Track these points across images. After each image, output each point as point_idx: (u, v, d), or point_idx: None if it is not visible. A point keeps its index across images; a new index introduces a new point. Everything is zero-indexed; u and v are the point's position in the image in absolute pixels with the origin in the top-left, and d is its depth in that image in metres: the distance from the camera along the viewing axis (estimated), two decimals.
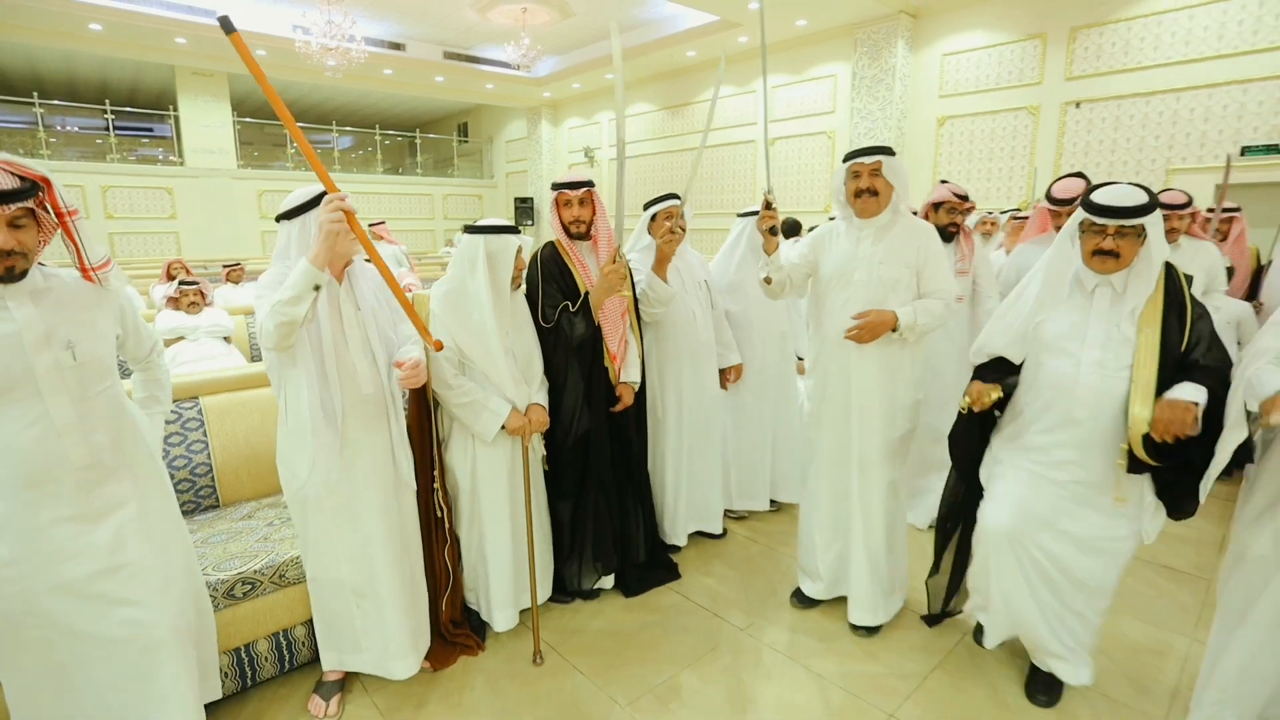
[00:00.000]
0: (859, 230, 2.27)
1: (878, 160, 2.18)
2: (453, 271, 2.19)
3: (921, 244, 2.22)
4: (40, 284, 1.43)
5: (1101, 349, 1.81)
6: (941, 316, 2.22)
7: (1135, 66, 6.70)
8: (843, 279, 2.27)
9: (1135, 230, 1.75)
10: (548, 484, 2.44)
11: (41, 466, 1.40)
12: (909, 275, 2.23)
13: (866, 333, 2.15)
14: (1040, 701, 2.01)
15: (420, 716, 2.01)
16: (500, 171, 15.51)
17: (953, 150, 8.25)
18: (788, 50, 9.48)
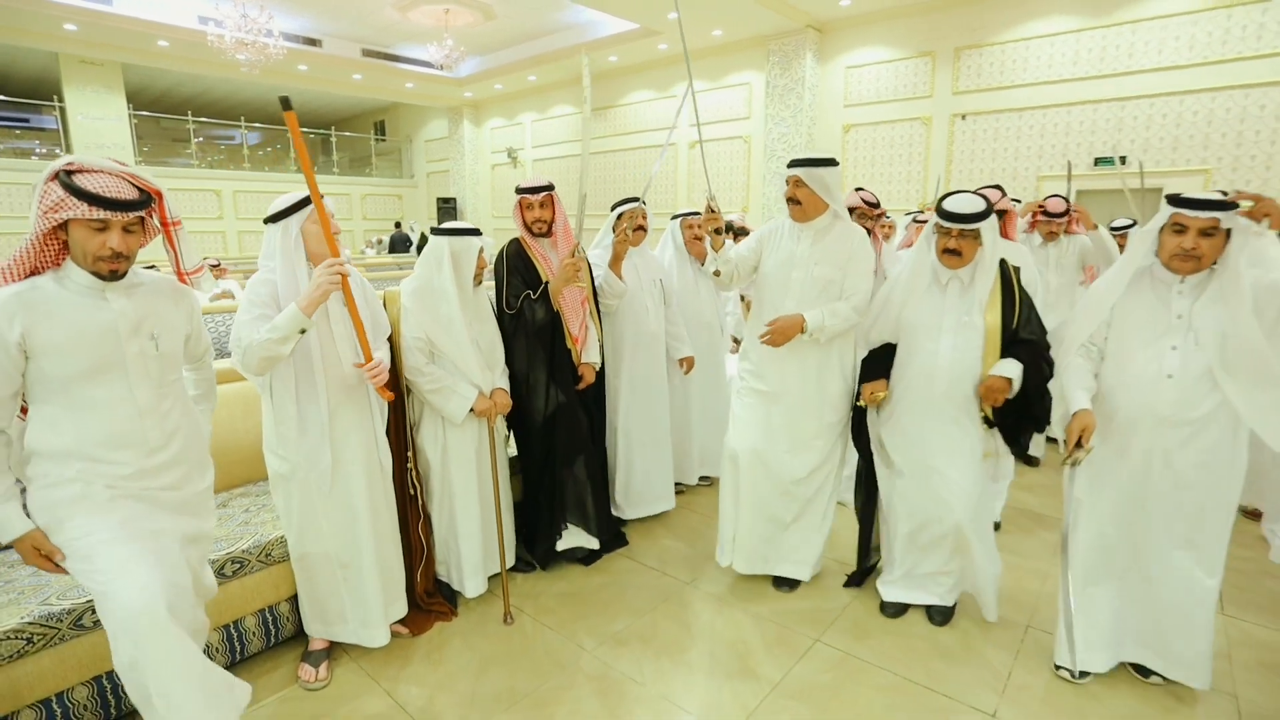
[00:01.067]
0: (799, 231, 2.47)
1: (795, 174, 2.39)
2: (420, 270, 2.40)
3: (850, 248, 2.42)
4: (133, 280, 1.59)
5: (954, 334, 2.19)
6: (850, 319, 2.39)
7: (1009, 84, 7.54)
8: (782, 276, 2.47)
9: (974, 233, 2.13)
10: (520, 457, 2.67)
11: (123, 441, 1.55)
12: (841, 276, 2.41)
13: (779, 336, 2.35)
14: (936, 621, 2.44)
15: (405, 675, 2.21)
16: (420, 171, 15.30)
17: (858, 155, 8.93)
18: (705, 58, 9.94)
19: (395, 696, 2.11)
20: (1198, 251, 1.82)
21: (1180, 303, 1.89)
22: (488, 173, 13.80)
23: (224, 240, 12.52)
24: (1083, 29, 6.97)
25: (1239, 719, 1.99)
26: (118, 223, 1.47)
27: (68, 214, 1.42)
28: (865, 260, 2.42)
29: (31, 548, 1.52)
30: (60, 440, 1.51)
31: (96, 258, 1.47)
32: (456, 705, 2.07)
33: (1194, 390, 1.85)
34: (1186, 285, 1.89)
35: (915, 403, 2.29)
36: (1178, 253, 1.85)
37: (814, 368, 2.48)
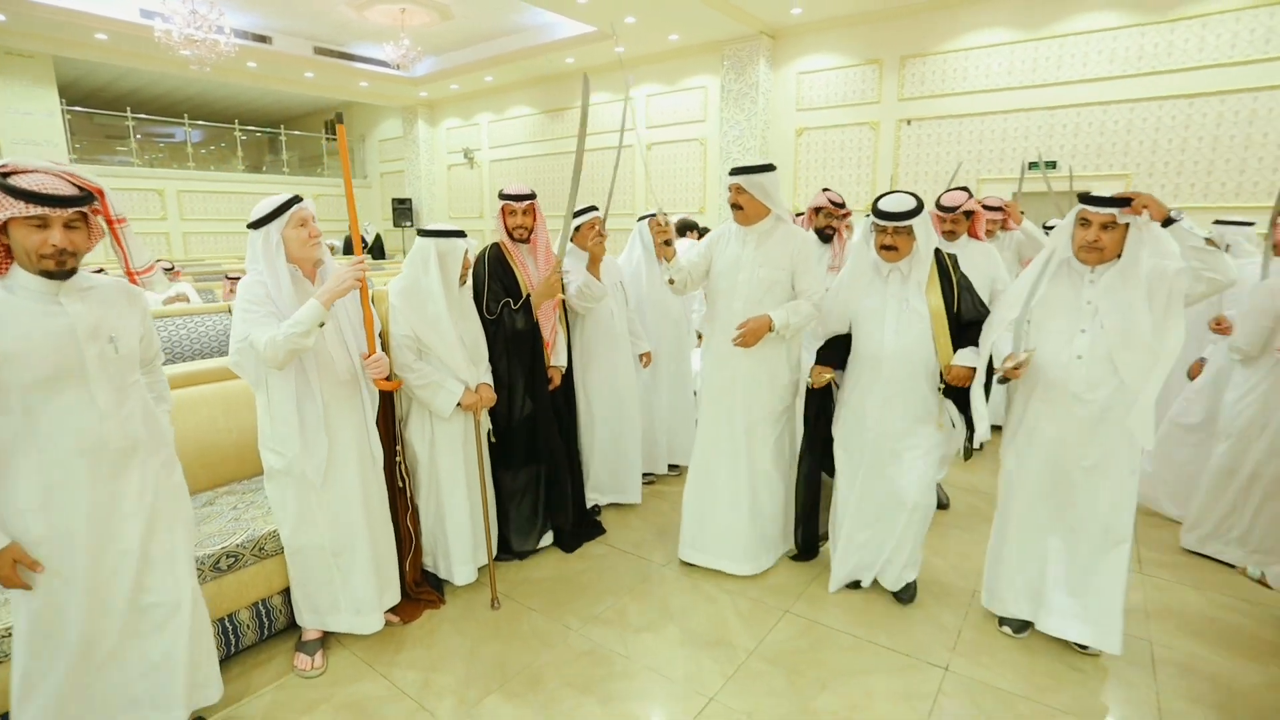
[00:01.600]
0: (744, 235, 2.64)
1: (737, 181, 2.55)
2: (407, 270, 2.49)
3: (796, 249, 2.58)
4: (85, 284, 1.60)
5: (897, 319, 2.39)
6: (809, 315, 2.57)
7: (951, 92, 7.96)
8: (730, 277, 2.63)
9: (907, 230, 2.34)
10: (494, 458, 2.78)
11: (86, 446, 1.57)
12: (785, 276, 2.58)
13: (750, 337, 2.51)
14: (904, 600, 2.60)
15: (399, 659, 2.31)
16: (374, 171, 15.06)
17: (810, 158, 9.26)
18: (662, 62, 10.14)
19: (392, 679, 2.20)
20: (1100, 244, 2.05)
21: (1090, 290, 2.11)
22: (444, 173, 13.69)
23: (168, 242, 12.09)
24: (1016, 41, 7.43)
25: (1153, 665, 2.26)
26: (57, 219, 1.47)
27: (5, 214, 1.43)
28: (812, 259, 2.61)
29: (11, 561, 1.50)
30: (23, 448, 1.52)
31: (40, 255, 1.47)
32: (452, 684, 2.17)
33: (1100, 370, 2.08)
34: (1096, 274, 2.11)
35: (867, 383, 2.48)
36: (1084, 244, 2.08)
37: (764, 362, 2.64)
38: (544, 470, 2.87)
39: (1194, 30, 6.51)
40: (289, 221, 2.02)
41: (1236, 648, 2.34)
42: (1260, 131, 6.35)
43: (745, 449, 2.71)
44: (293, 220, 2.02)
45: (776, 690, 2.14)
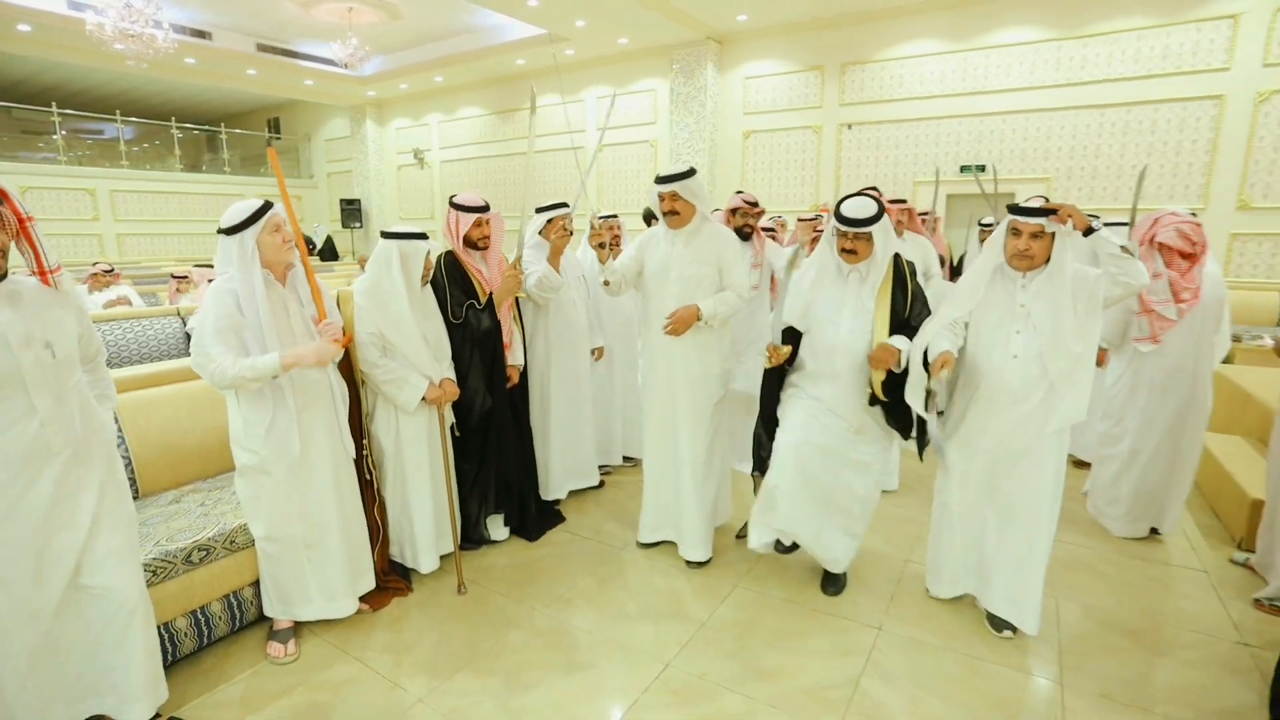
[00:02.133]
0: (673, 236, 2.76)
1: (672, 188, 2.65)
2: (371, 270, 2.59)
3: (722, 247, 2.73)
4: (12, 288, 1.59)
5: (853, 319, 2.46)
6: (736, 306, 2.73)
7: (888, 99, 8.37)
8: (661, 276, 2.76)
9: (867, 235, 2.39)
10: (456, 450, 2.90)
11: (29, 453, 1.59)
12: (713, 273, 2.73)
13: (680, 325, 2.66)
14: (830, 592, 2.70)
15: (371, 643, 2.41)
16: (321, 171, 14.76)
17: (756, 160, 9.56)
18: (612, 64, 10.30)
19: (365, 662, 2.30)
20: (1030, 252, 2.20)
21: (1022, 295, 2.26)
22: (393, 174, 13.53)
23: (101, 243, 11.60)
24: (946, 52, 7.87)
25: (1057, 616, 2.55)
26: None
27: None
28: (739, 256, 2.77)
29: None
30: None
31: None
32: (423, 664, 2.29)
33: (1034, 368, 2.23)
34: (1027, 280, 2.26)
35: (816, 375, 2.58)
36: (1016, 252, 2.23)
37: (699, 355, 2.79)
38: (498, 463, 2.99)
39: (1103, 46, 7.05)
40: (264, 227, 2.10)
41: (1124, 599, 2.65)
42: (1161, 140, 6.92)
43: (688, 439, 2.84)
44: (267, 226, 2.10)
45: (727, 653, 2.33)
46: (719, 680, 2.20)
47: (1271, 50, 6.33)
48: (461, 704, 2.10)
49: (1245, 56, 6.44)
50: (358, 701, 2.12)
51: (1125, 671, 2.24)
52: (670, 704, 2.09)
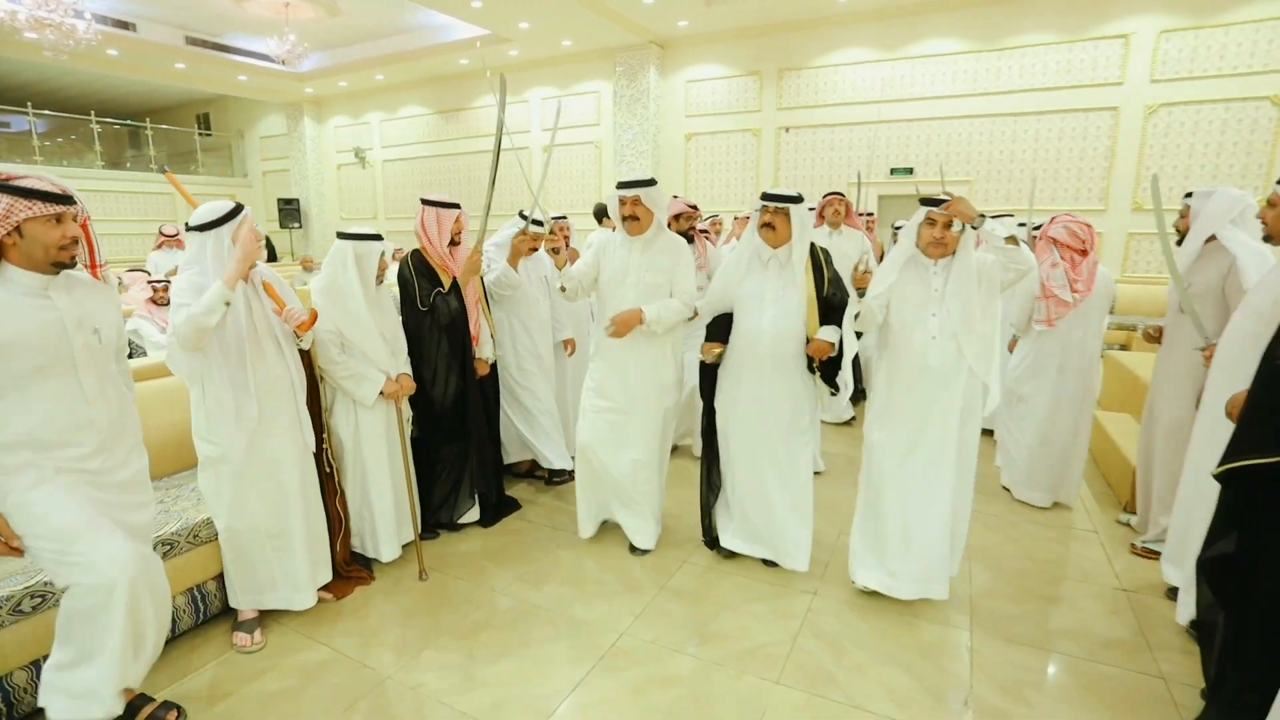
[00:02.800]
0: (630, 243, 2.84)
1: (635, 194, 2.74)
2: (327, 270, 2.68)
3: (676, 256, 2.85)
4: (69, 279, 1.74)
5: (775, 304, 2.66)
6: (680, 312, 2.82)
7: (823, 104, 8.76)
8: (618, 283, 2.83)
9: (785, 212, 2.59)
10: (430, 433, 3.02)
11: (74, 428, 1.73)
12: (668, 281, 2.81)
13: (622, 328, 2.75)
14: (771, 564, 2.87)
15: (337, 629, 2.50)
16: (255, 169, 14.30)
17: (699, 162, 9.84)
18: (555, 66, 10.40)
19: (333, 646, 2.39)
20: (943, 240, 2.41)
21: (935, 280, 2.47)
22: (333, 173, 13.25)
23: None
24: (877, 60, 8.31)
25: (970, 585, 2.85)
26: (68, 215, 1.68)
27: (27, 214, 1.60)
28: (689, 264, 2.88)
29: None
30: (11, 431, 1.66)
31: (60, 248, 1.66)
32: (390, 645, 2.40)
33: (950, 348, 2.43)
34: (939, 266, 2.47)
35: (746, 359, 2.73)
36: (930, 241, 2.43)
37: (650, 361, 2.88)
38: (473, 444, 3.12)
39: (1015, 59, 7.60)
40: (240, 224, 2.18)
41: (1026, 557, 2.99)
42: (1067, 147, 7.51)
43: (638, 443, 2.92)
44: (245, 224, 2.18)
45: (678, 621, 2.53)
46: (669, 644, 2.39)
47: (1157, 68, 6.98)
48: (428, 678, 2.22)
49: (1135, 73, 7.08)
50: (328, 682, 2.21)
51: (1025, 617, 2.54)
52: (625, 666, 2.28)
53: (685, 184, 9.83)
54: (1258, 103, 6.69)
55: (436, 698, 2.13)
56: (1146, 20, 6.96)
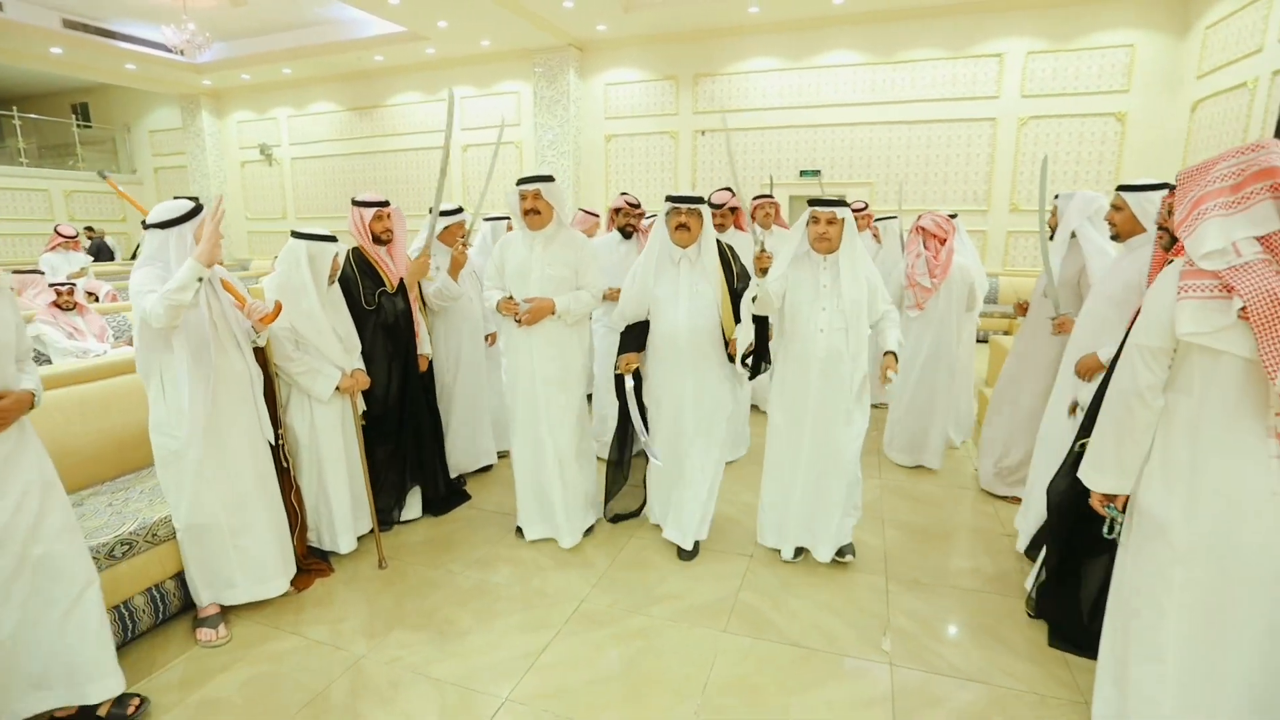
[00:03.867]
0: (532, 239, 2.88)
1: (536, 188, 2.78)
2: (280, 269, 2.73)
3: (578, 250, 2.90)
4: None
5: (689, 301, 2.79)
6: (590, 305, 2.92)
7: (736, 109, 9.23)
8: (522, 278, 2.88)
9: (697, 212, 2.75)
10: (371, 432, 3.09)
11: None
12: (571, 274, 2.89)
13: (534, 314, 2.81)
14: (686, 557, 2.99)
15: (303, 618, 2.57)
16: (146, 165, 13.35)
17: (619, 163, 10.10)
18: (474, 65, 10.37)
19: (301, 634, 2.47)
20: (827, 235, 2.61)
21: (824, 275, 2.66)
22: (237, 170, 12.59)
23: None
24: (783, 69, 8.85)
25: (882, 526, 3.25)
26: None
27: None
28: (594, 257, 2.95)
29: None
30: None
31: None
32: (358, 629, 2.50)
33: (838, 339, 2.66)
34: (827, 262, 2.67)
35: (667, 355, 2.86)
36: (817, 237, 2.64)
37: (556, 352, 2.92)
38: (413, 441, 3.22)
39: (908, 72, 8.32)
40: (201, 220, 2.21)
41: (925, 511, 3.43)
42: (955, 153, 8.30)
43: (554, 436, 2.99)
44: (206, 221, 2.21)
45: (630, 588, 2.76)
46: (626, 607, 2.62)
47: (1027, 85, 7.86)
48: (402, 653, 2.35)
49: (1009, 88, 7.93)
50: (302, 666, 2.30)
51: (928, 562, 2.95)
52: (588, 628, 2.49)
53: (606, 184, 10.06)
54: (1105, 118, 7.67)
55: (412, 669, 2.27)
56: (1017, 42, 7.81)
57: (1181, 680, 1.59)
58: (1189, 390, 1.55)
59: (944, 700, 2.12)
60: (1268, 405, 1.45)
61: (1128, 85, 7.55)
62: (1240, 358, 1.45)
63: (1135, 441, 1.65)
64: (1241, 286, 1.39)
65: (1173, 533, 1.58)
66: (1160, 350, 1.57)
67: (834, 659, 2.32)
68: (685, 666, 2.28)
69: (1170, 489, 1.59)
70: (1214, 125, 6.64)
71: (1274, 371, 1.35)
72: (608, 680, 2.22)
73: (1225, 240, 1.44)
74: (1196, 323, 1.46)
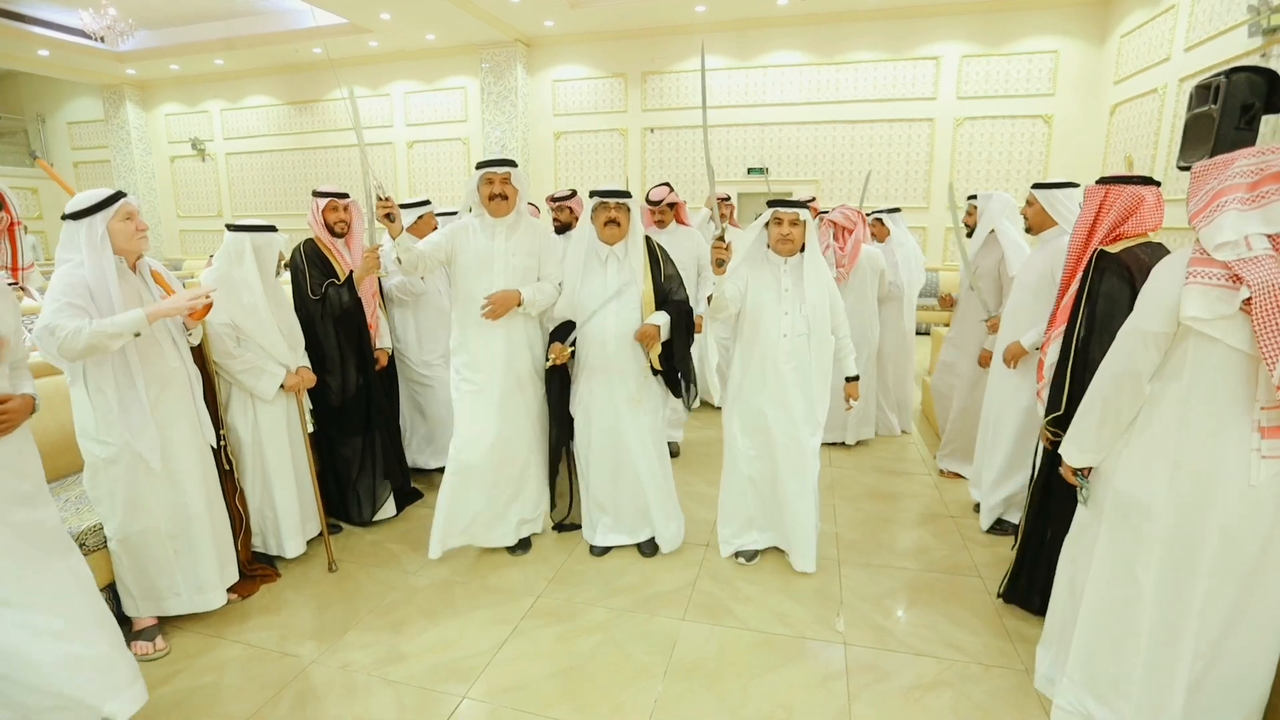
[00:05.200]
0: (493, 227, 2.73)
1: (506, 171, 2.67)
2: (219, 264, 2.62)
3: (540, 238, 2.82)
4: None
5: (617, 301, 2.68)
6: (553, 295, 2.80)
7: (684, 106, 9.30)
8: (484, 267, 2.71)
9: (626, 207, 2.64)
10: (334, 429, 3.01)
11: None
12: (535, 263, 2.78)
13: (499, 307, 2.66)
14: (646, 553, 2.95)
15: (249, 626, 2.47)
16: (64, 159, 12.56)
17: (568, 160, 10.05)
18: (419, 59, 10.15)
19: (247, 642, 2.37)
20: (790, 237, 2.55)
21: (786, 278, 2.59)
22: (166, 165, 11.97)
23: None
24: (731, 68, 8.97)
25: (836, 523, 3.33)
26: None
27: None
28: (553, 247, 2.88)
29: None
30: None
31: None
32: (310, 634, 2.42)
33: (800, 344, 2.60)
34: (789, 264, 2.60)
35: (594, 361, 2.75)
36: (779, 238, 2.56)
37: (506, 353, 2.76)
38: (380, 436, 3.15)
39: (851, 73, 8.55)
40: (116, 214, 2.09)
41: (876, 493, 3.54)
42: (896, 152, 8.58)
43: (514, 434, 2.84)
44: (119, 213, 2.10)
45: (588, 581, 2.76)
46: (584, 600, 2.61)
47: (962, 87, 8.18)
48: (356, 656, 2.29)
49: (945, 90, 8.24)
50: (248, 675, 2.21)
51: (880, 543, 3.04)
52: (546, 622, 2.48)
53: (556, 182, 10.00)
54: (1034, 120, 8.06)
55: (367, 672, 2.21)
56: (951, 46, 8.13)
57: (1148, 657, 1.68)
58: (1179, 376, 1.59)
59: (894, 674, 2.19)
60: (1254, 399, 1.50)
61: (1053, 89, 7.94)
62: (1233, 349, 1.50)
63: (1119, 421, 1.71)
64: (1250, 278, 1.44)
65: (1154, 513, 1.64)
66: (1162, 335, 1.59)
67: (791, 641, 2.37)
68: (645, 655, 2.29)
69: (1151, 471, 1.64)
70: (1130, 128, 7.05)
71: (1273, 363, 1.40)
72: (568, 672, 2.21)
73: (1239, 233, 1.48)
74: (1201, 308, 1.50)
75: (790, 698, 2.09)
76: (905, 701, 2.07)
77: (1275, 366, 1.39)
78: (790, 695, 2.10)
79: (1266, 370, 1.43)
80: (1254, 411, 1.51)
